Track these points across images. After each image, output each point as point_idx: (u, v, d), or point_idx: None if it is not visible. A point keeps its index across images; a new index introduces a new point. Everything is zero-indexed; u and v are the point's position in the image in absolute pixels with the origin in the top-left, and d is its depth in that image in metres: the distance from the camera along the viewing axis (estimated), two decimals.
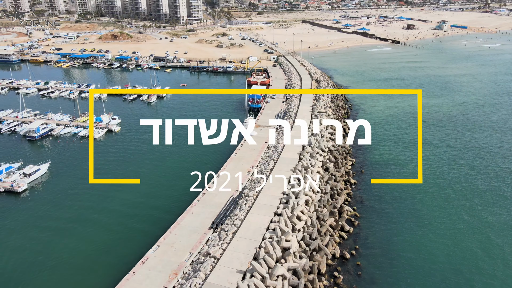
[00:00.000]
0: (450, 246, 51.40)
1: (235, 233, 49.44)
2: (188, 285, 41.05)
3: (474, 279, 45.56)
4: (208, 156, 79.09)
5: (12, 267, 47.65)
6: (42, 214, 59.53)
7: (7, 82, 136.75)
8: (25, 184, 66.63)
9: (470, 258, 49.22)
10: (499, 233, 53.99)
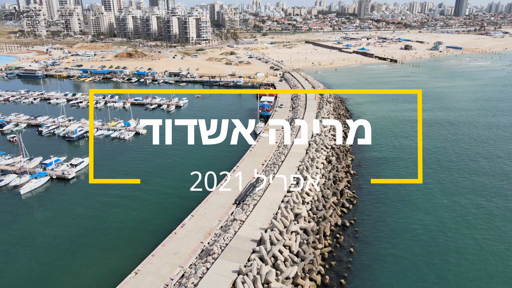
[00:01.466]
0: (429, 220, 62.88)
1: (256, 205, 60.91)
2: (221, 238, 52.37)
3: (450, 247, 56.83)
4: (228, 153, 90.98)
5: (72, 231, 59.09)
6: (89, 195, 71.14)
7: (38, 93, 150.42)
8: (73, 172, 78.50)
9: (442, 226, 60.66)
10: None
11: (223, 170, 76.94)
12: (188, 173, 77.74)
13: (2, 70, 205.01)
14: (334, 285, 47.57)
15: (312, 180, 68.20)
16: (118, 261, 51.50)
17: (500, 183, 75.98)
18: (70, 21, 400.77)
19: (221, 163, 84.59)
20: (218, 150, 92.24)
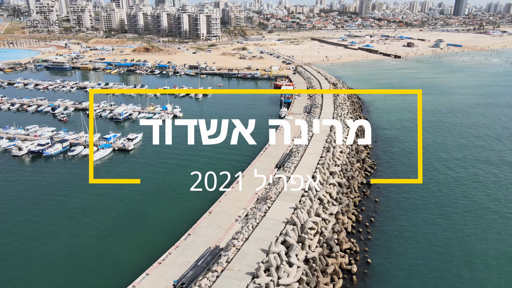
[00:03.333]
0: (439, 176, 76.34)
1: (296, 166, 74.09)
2: (274, 188, 65.52)
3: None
4: (261, 131, 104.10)
5: (142, 190, 72.02)
6: (149, 161, 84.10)
7: (73, 83, 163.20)
8: (132, 145, 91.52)
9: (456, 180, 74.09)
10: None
11: (260, 144, 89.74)
12: (238, 144, 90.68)
13: (30, 63, 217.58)
14: (366, 222, 60.85)
15: (339, 148, 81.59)
16: (194, 205, 64.45)
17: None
18: (82, 17, 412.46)
19: (258, 138, 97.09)
20: (258, 127, 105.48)
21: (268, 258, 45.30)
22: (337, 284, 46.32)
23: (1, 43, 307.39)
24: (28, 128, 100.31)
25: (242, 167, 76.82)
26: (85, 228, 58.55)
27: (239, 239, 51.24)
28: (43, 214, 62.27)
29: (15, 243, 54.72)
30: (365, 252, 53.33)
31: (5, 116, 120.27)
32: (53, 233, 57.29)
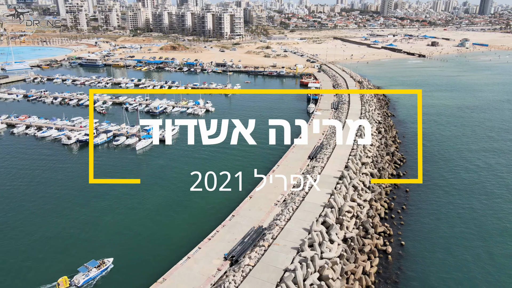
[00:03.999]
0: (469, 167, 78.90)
1: (329, 158, 77.90)
2: (309, 176, 69.64)
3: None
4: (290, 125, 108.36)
5: (183, 175, 77.18)
6: (186, 152, 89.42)
7: (107, 79, 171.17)
8: (170, 136, 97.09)
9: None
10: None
11: (293, 137, 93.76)
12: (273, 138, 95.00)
13: (65, 60, 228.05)
14: (397, 209, 64.27)
15: (369, 142, 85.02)
16: (235, 190, 69.12)
17: None
18: (109, 16, 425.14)
19: (287, 132, 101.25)
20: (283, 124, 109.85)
21: (311, 235, 49.54)
22: (374, 262, 50.12)
23: (35, 42, 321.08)
24: (73, 120, 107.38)
25: (277, 157, 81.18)
26: (136, 208, 64.03)
27: (281, 220, 55.64)
28: (98, 195, 68.21)
29: (82, 216, 60.76)
30: (398, 236, 56.86)
31: (49, 108, 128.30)
32: (110, 210, 63.02)
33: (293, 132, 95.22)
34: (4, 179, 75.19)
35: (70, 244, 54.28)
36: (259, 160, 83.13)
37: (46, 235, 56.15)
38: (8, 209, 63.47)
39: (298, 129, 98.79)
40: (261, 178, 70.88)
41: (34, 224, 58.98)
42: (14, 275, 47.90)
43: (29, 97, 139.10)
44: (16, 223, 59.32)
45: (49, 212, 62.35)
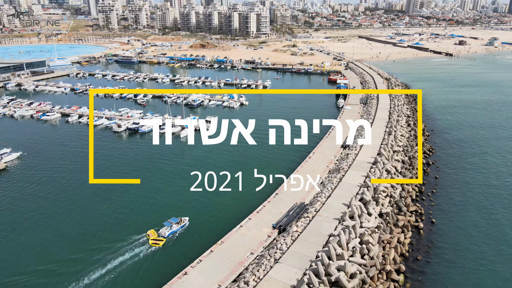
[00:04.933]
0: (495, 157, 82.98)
1: (362, 146, 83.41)
2: (344, 162, 75.45)
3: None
4: (322, 117, 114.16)
5: (221, 161, 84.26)
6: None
7: (144, 74, 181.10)
8: (210, 126, 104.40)
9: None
10: None
11: (324, 129, 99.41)
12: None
13: (102, 57, 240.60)
14: (428, 192, 69.34)
15: (399, 132, 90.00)
16: (277, 173, 75.57)
17: None
18: (139, 16, 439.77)
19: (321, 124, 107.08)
20: (315, 114, 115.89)
21: (351, 208, 55.57)
22: (407, 234, 55.64)
23: (71, 40, 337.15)
24: (120, 110, 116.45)
25: (311, 146, 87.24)
26: (190, 184, 71.37)
27: (322, 197, 61.87)
28: (151, 176, 76.17)
29: (138, 194, 68.73)
30: (429, 214, 62.03)
31: (95, 101, 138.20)
32: (162, 190, 70.65)
33: (322, 126, 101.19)
34: (82, 157, 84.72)
35: (154, 205, 63.93)
36: (294, 148, 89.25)
37: (132, 199, 66.42)
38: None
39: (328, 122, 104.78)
40: (299, 163, 77.17)
41: (123, 191, 69.14)
42: (114, 228, 57.93)
43: (75, 90, 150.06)
44: (110, 190, 69.17)
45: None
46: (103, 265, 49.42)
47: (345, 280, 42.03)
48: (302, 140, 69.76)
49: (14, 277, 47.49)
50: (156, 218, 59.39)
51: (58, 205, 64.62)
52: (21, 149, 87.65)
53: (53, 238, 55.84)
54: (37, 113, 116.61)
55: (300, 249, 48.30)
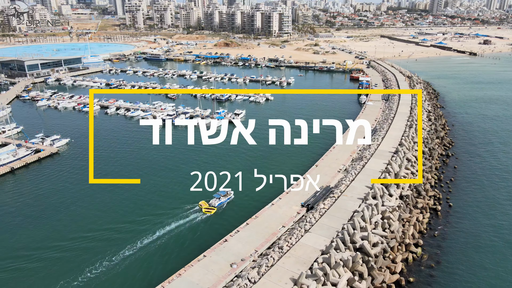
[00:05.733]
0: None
1: (383, 138, 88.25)
2: (367, 151, 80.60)
3: None
4: (343, 112, 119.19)
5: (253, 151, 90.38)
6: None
7: (173, 71, 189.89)
8: (239, 118, 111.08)
9: None
10: None
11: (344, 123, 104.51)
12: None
13: (131, 55, 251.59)
14: (446, 180, 73.80)
15: (421, 126, 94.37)
16: (302, 161, 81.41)
17: None
18: (164, 15, 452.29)
19: (342, 117, 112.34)
20: (337, 109, 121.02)
21: (373, 189, 60.94)
22: (426, 215, 60.63)
23: (100, 39, 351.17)
24: (154, 103, 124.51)
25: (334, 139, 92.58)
26: (224, 168, 78.01)
27: (346, 180, 67.43)
28: (184, 162, 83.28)
29: (174, 178, 75.82)
30: (447, 200, 66.66)
31: (129, 95, 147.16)
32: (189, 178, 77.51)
33: (344, 122, 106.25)
34: (120, 144, 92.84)
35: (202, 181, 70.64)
36: (320, 138, 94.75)
37: (183, 176, 74.54)
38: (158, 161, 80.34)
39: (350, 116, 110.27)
40: (323, 152, 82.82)
41: (172, 170, 78.63)
42: (170, 199, 65.80)
43: (110, 85, 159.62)
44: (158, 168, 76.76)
45: (178, 164, 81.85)
46: (162, 227, 57.13)
47: (369, 247, 47.63)
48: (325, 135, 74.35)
49: (77, 240, 55.02)
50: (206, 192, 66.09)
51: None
52: (68, 136, 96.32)
53: (116, 206, 64.08)
54: (78, 105, 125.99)
55: (328, 222, 54.12)
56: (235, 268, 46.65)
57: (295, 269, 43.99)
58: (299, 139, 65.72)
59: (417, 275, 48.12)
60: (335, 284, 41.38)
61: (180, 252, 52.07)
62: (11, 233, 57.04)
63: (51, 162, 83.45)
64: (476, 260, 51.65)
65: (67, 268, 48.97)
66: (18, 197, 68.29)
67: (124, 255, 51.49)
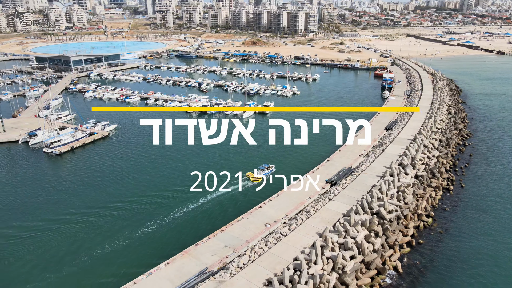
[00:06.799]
0: None
1: (403, 128, 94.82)
2: (387, 138, 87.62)
3: None
4: (371, 103, 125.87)
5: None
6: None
7: (204, 67, 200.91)
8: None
9: None
10: None
11: (367, 116, 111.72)
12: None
13: (164, 52, 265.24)
14: (461, 165, 79.98)
15: (439, 117, 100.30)
16: (327, 147, 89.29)
17: None
18: (193, 15, 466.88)
19: (364, 108, 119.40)
20: (361, 102, 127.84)
21: (391, 169, 68.29)
22: (439, 193, 67.52)
23: (133, 37, 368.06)
24: (188, 96, 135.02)
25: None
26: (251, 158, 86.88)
27: (367, 162, 74.96)
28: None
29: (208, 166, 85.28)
30: (460, 181, 73.10)
31: (164, 88, 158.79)
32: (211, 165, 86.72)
33: (367, 113, 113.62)
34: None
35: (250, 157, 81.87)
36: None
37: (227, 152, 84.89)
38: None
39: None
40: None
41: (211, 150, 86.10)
42: (220, 170, 73.67)
43: (147, 79, 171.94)
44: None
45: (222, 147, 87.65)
46: (226, 187, 68.37)
47: (384, 212, 55.37)
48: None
49: (133, 203, 65.20)
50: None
51: (161, 160, 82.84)
52: (116, 123, 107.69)
53: (165, 177, 74.25)
54: (121, 96, 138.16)
55: (349, 193, 62.09)
56: (269, 227, 55.38)
57: (320, 226, 52.32)
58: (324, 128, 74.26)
59: (426, 239, 55.45)
60: (353, 238, 49.44)
61: (223, 214, 61.24)
62: (78, 197, 67.97)
63: (103, 143, 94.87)
64: (484, 229, 58.12)
65: (126, 223, 59.03)
66: (78, 171, 79.62)
67: (175, 216, 61.21)
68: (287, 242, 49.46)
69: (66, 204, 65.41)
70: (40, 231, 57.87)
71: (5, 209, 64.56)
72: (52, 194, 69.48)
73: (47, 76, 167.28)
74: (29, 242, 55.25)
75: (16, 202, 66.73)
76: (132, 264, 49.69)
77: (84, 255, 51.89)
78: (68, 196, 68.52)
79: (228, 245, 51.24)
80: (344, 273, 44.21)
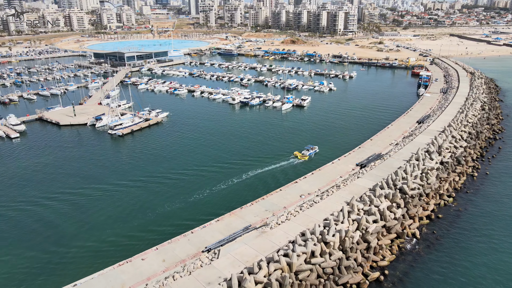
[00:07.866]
0: None
1: (434, 121, 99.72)
2: (416, 130, 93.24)
3: None
4: (401, 103, 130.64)
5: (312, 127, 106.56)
6: (315, 115, 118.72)
7: (245, 64, 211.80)
8: (305, 103, 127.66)
9: None
10: None
11: (402, 110, 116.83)
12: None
13: (207, 50, 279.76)
14: (488, 156, 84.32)
15: (471, 112, 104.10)
16: (360, 136, 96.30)
17: None
18: (234, 15, 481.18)
19: (400, 105, 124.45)
20: (396, 100, 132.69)
21: (417, 154, 74.61)
22: (462, 178, 73.01)
23: (178, 36, 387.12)
24: (232, 89, 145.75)
25: (390, 120, 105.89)
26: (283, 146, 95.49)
27: (395, 150, 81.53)
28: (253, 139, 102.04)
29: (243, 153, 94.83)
30: (486, 170, 77.88)
31: (209, 82, 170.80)
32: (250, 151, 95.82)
33: (401, 107, 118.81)
34: (210, 116, 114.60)
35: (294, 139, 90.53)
36: (375, 119, 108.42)
37: (278, 133, 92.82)
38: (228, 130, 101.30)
39: (409, 106, 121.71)
40: (380, 130, 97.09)
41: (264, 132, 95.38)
42: (271, 151, 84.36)
43: (193, 74, 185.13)
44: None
45: (261, 133, 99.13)
46: (266, 166, 78.51)
47: (407, 189, 62.33)
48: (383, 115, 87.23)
49: (191, 174, 76.03)
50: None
51: (213, 141, 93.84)
52: (167, 111, 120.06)
53: (222, 152, 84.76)
54: (170, 89, 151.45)
55: (376, 172, 69.40)
56: (303, 198, 63.98)
57: (348, 197, 60.29)
58: (358, 119, 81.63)
59: (445, 214, 61.76)
60: (377, 206, 57.02)
61: (263, 186, 70.62)
62: (139, 169, 79.73)
63: (157, 128, 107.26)
64: (505, 210, 63.18)
65: (180, 191, 69.61)
66: (137, 149, 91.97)
67: (221, 187, 71.37)
68: (319, 207, 57.94)
69: (129, 174, 77.46)
70: (111, 192, 70.07)
71: (81, 176, 77.52)
72: (117, 166, 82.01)
73: (104, 70, 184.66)
74: (103, 199, 67.41)
75: (90, 171, 79.66)
76: (188, 219, 60.15)
77: (148, 211, 63.03)
78: (130, 168, 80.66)
79: (268, 209, 60.39)
80: (367, 232, 52.08)
